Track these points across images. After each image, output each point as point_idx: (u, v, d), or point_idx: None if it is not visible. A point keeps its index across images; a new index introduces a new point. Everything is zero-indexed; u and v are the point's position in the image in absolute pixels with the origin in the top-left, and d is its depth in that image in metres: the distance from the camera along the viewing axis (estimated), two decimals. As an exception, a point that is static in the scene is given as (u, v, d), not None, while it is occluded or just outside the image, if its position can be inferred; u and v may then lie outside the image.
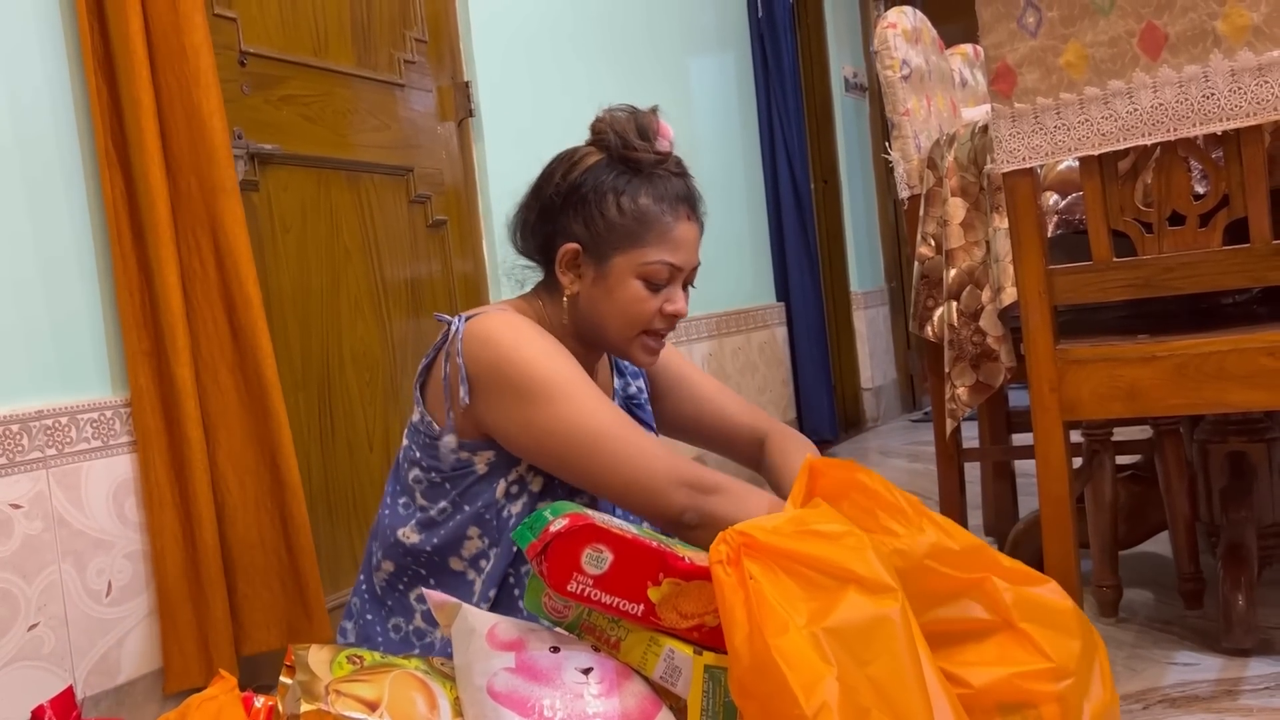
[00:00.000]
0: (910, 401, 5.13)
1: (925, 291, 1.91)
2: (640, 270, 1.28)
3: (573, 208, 1.30)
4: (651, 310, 1.29)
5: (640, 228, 1.28)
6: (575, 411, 1.20)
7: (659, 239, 1.28)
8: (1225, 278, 1.40)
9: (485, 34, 2.51)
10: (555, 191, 1.31)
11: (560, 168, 1.33)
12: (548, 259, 1.34)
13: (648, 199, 1.28)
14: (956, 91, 2.32)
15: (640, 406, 1.46)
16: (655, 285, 1.29)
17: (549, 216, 1.32)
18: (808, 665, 0.91)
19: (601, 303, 1.30)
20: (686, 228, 1.31)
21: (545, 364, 1.22)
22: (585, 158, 1.32)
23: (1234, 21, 1.31)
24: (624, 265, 1.28)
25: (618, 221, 1.28)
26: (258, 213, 1.93)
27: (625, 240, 1.28)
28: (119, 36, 1.60)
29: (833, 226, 4.55)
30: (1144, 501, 2.05)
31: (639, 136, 1.31)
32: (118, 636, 1.63)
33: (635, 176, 1.29)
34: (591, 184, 1.29)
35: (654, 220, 1.28)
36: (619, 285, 1.29)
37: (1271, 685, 1.53)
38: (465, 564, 1.29)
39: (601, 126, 1.33)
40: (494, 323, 1.26)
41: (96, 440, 1.62)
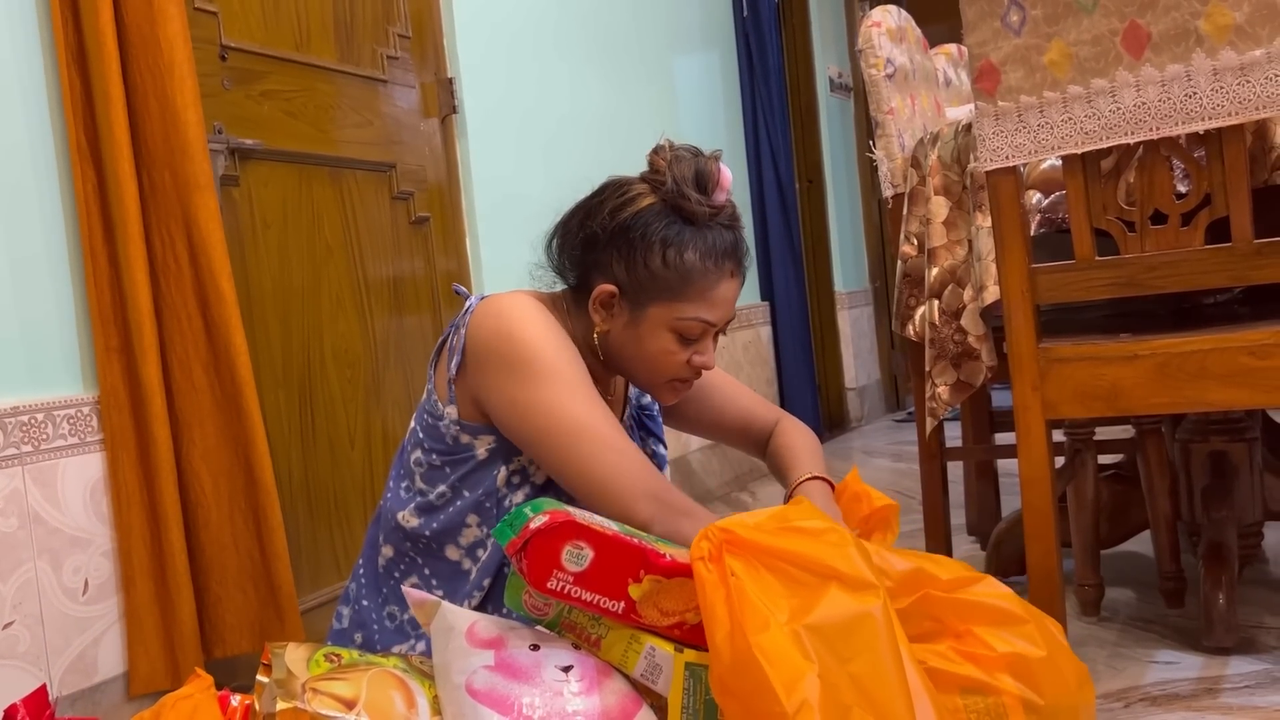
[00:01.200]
0: (894, 401, 5.14)
1: (908, 291, 1.91)
2: (675, 324, 1.27)
3: (616, 248, 1.27)
4: (679, 362, 1.29)
5: (682, 283, 1.26)
6: (563, 399, 1.19)
7: (699, 296, 1.27)
8: (1207, 277, 1.41)
9: (469, 30, 2.50)
10: (602, 226, 1.28)
11: (611, 200, 1.30)
12: (581, 285, 1.33)
13: (694, 254, 1.26)
14: (941, 90, 2.32)
15: (651, 418, 1.46)
16: (687, 340, 1.28)
17: (591, 248, 1.30)
18: (789, 662, 0.91)
19: (630, 347, 1.29)
20: (729, 285, 1.29)
21: (544, 346, 1.21)
22: (638, 197, 1.29)
23: (1216, 21, 1.31)
24: (659, 316, 1.27)
25: (660, 273, 1.25)
26: (238, 209, 1.92)
27: (665, 293, 1.26)
28: (90, 28, 1.58)
29: (817, 226, 4.55)
30: (1126, 501, 2.05)
31: (696, 187, 1.28)
32: (94, 635, 1.61)
33: (686, 227, 1.27)
34: (640, 229, 1.26)
35: (698, 278, 1.26)
36: (650, 335, 1.28)
37: (1252, 684, 1.53)
38: (462, 552, 1.29)
39: (660, 165, 1.31)
40: (508, 299, 1.26)
41: (73, 437, 1.61)
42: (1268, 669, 1.58)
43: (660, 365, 1.29)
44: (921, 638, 1.10)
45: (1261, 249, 1.36)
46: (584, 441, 1.18)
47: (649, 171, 1.33)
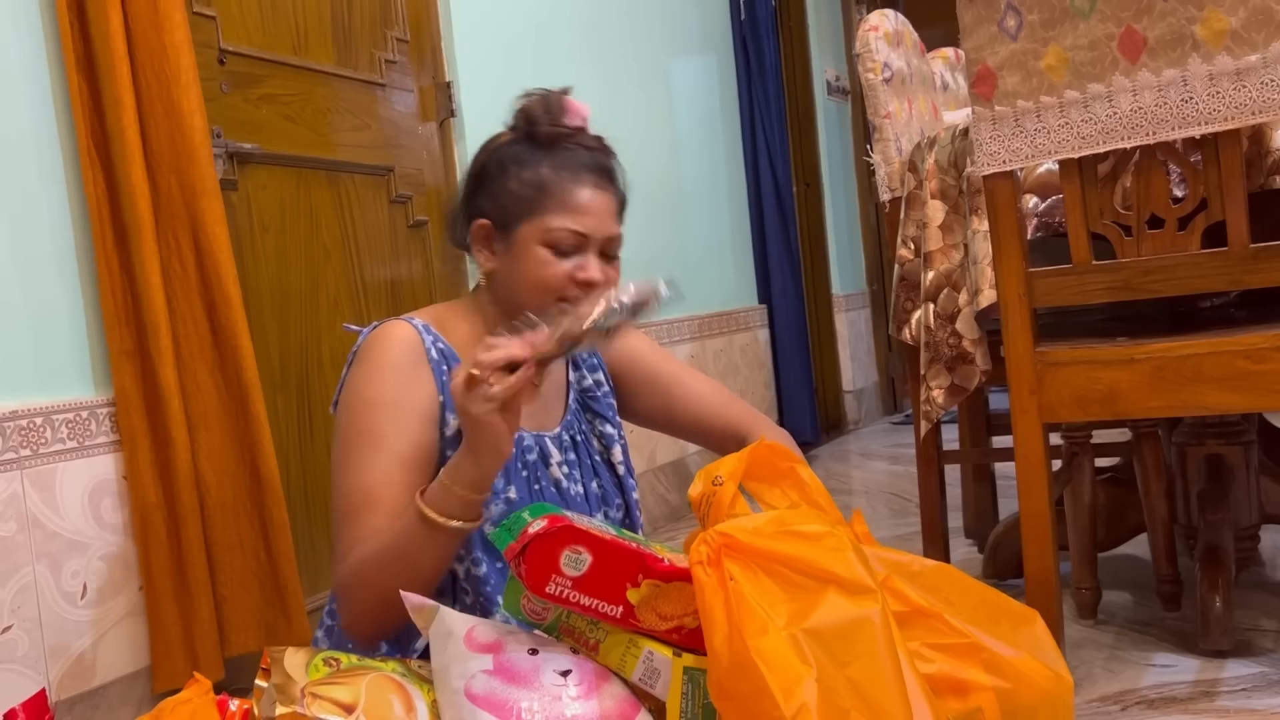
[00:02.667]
0: (891, 404, 5.14)
1: (904, 294, 1.91)
2: (544, 237, 1.28)
3: (482, 186, 1.33)
4: (560, 275, 1.28)
5: (540, 195, 1.29)
6: (351, 458, 1.23)
7: (560, 206, 1.29)
8: (1203, 281, 1.41)
9: (467, 34, 2.50)
10: (470, 175, 1.36)
11: (478, 154, 1.38)
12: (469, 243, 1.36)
13: (548, 169, 1.30)
14: (938, 95, 2.32)
15: (596, 400, 1.45)
16: (561, 251, 1.28)
17: (467, 200, 1.36)
18: (787, 666, 0.91)
19: (513, 274, 1.30)
20: (591, 194, 1.31)
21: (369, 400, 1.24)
22: (497, 139, 1.36)
23: (1212, 26, 1.32)
24: (528, 234, 1.29)
25: (519, 191, 1.29)
26: (236, 212, 1.92)
27: (527, 209, 1.29)
28: (99, 34, 1.59)
29: (814, 229, 4.55)
30: (1123, 504, 2.06)
31: (545, 112, 1.34)
32: (93, 639, 1.61)
33: (540, 150, 1.32)
34: (497, 160, 1.33)
35: (553, 187, 1.29)
36: (525, 253, 1.29)
37: (1248, 686, 1.54)
38: None
39: (514, 110, 1.37)
40: (374, 339, 1.29)
41: (72, 441, 1.61)
42: (1264, 672, 1.58)
43: (541, 281, 1.28)
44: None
45: (1258, 253, 1.37)
46: (346, 510, 1.22)
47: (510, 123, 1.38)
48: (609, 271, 1.32)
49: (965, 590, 1.21)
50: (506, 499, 1.27)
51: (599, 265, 1.31)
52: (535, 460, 1.32)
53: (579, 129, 1.36)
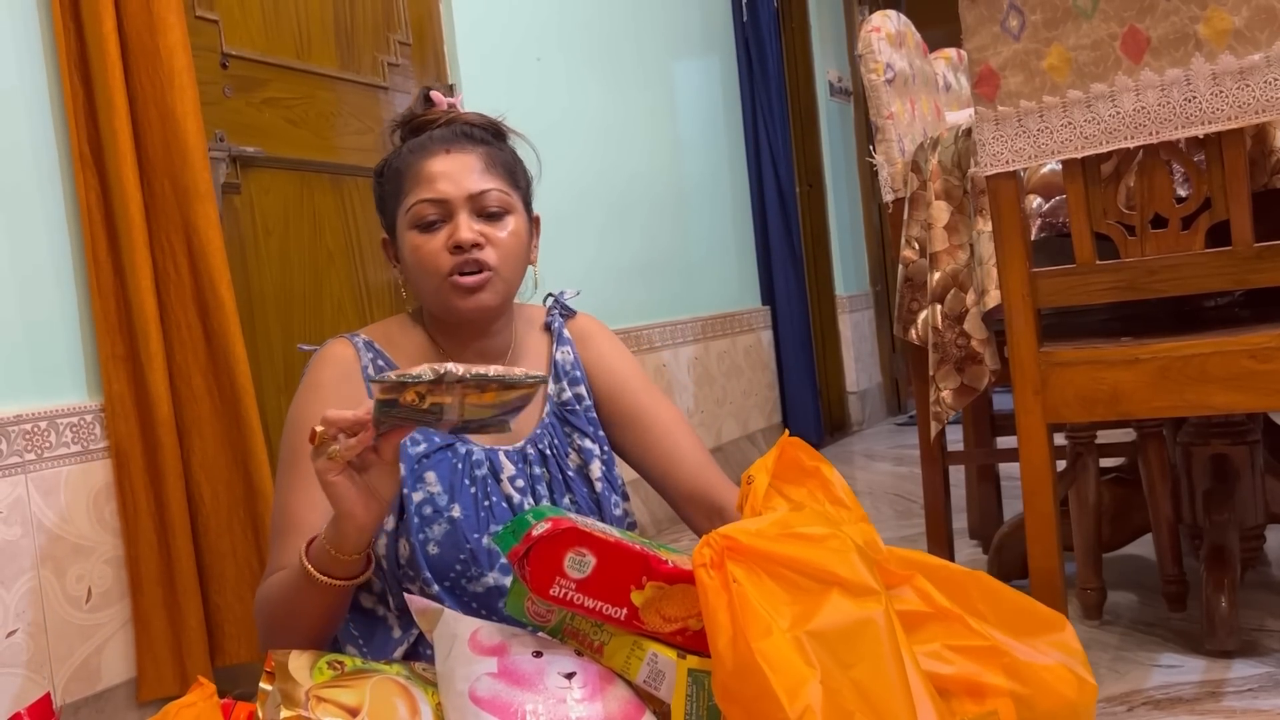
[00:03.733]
0: (895, 405, 5.14)
1: (909, 295, 1.91)
2: (408, 219, 1.24)
3: (378, 201, 1.33)
4: (434, 251, 1.22)
5: (399, 181, 1.26)
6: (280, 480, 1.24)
7: (414, 182, 1.25)
8: (1208, 280, 1.41)
9: (470, 37, 2.51)
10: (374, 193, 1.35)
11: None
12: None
13: (406, 152, 1.27)
14: (940, 95, 2.32)
15: (575, 414, 1.36)
16: (428, 226, 1.23)
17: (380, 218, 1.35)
18: (791, 669, 0.90)
19: (409, 273, 1.27)
20: (444, 159, 1.25)
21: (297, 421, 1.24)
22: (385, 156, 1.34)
23: (1215, 25, 1.31)
24: (401, 226, 1.26)
25: (386, 189, 1.28)
26: (240, 216, 1.92)
27: (394, 202, 1.27)
28: (93, 37, 1.59)
29: (817, 230, 4.55)
30: (1127, 504, 2.05)
31: (410, 112, 1.33)
32: (98, 643, 1.61)
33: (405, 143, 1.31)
34: (377, 171, 1.32)
35: (407, 168, 1.26)
36: (403, 245, 1.26)
37: (1254, 687, 1.53)
38: (375, 599, 1.26)
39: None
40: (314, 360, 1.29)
41: (76, 445, 1.61)
42: (1270, 672, 1.58)
43: (421, 265, 1.23)
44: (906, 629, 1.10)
45: (1261, 252, 1.37)
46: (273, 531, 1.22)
47: None
48: (487, 230, 1.24)
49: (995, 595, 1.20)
50: (450, 517, 1.21)
51: (469, 223, 1.23)
52: (485, 475, 1.26)
53: (436, 117, 1.31)
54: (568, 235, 2.75)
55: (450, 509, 1.22)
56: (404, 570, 1.22)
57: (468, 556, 1.22)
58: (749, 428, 3.72)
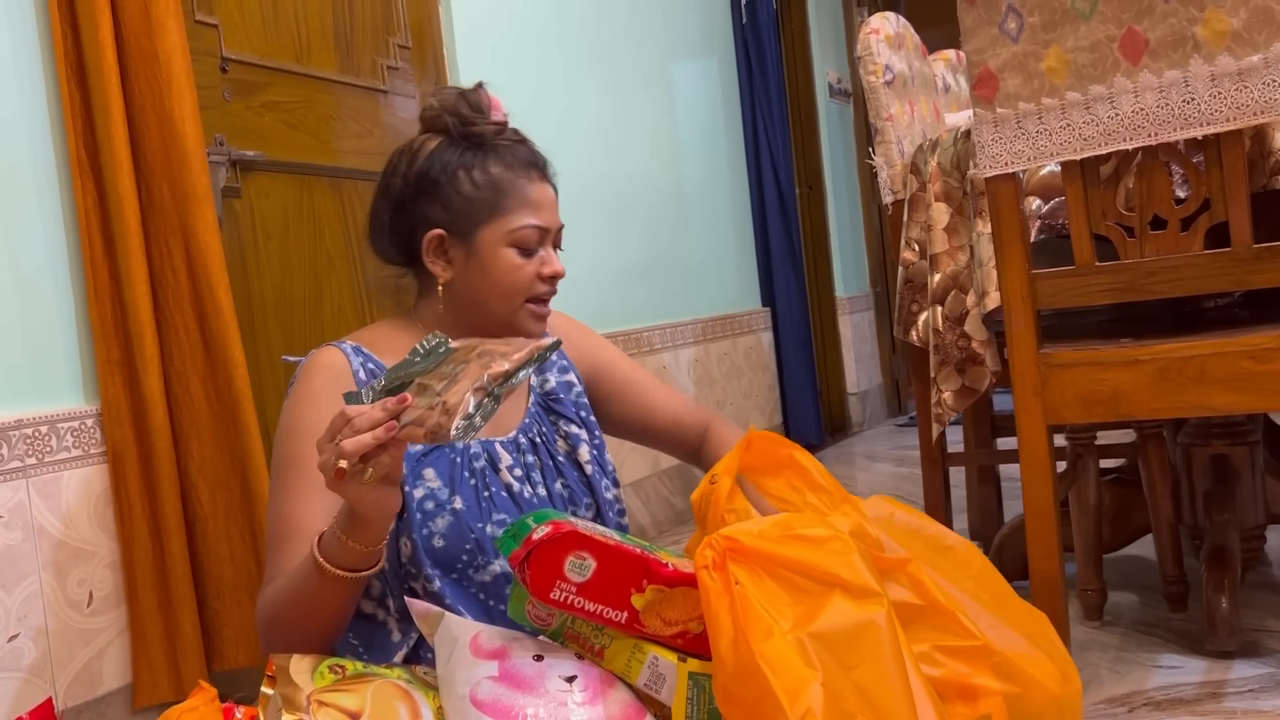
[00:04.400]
0: (896, 406, 5.14)
1: (909, 296, 1.91)
2: (509, 238, 1.26)
3: (426, 194, 1.27)
4: (530, 276, 1.27)
5: (498, 196, 1.26)
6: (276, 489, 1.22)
7: (519, 204, 1.26)
8: (1207, 281, 1.41)
9: (469, 40, 2.51)
10: (405, 184, 1.29)
11: (403, 161, 1.31)
12: (412, 254, 1.31)
13: (498, 168, 1.27)
14: (940, 96, 2.33)
15: (560, 401, 1.40)
16: (528, 250, 1.27)
17: (404, 210, 1.29)
18: (792, 671, 0.91)
19: (478, 281, 1.27)
20: (542, 189, 1.29)
21: (291, 430, 1.23)
22: (425, 144, 1.30)
23: (1214, 27, 1.32)
24: (492, 237, 1.26)
25: (475, 195, 1.26)
26: (240, 220, 1.92)
27: (487, 212, 1.26)
28: (90, 42, 1.59)
29: (817, 231, 4.55)
30: (1128, 505, 2.05)
31: (473, 111, 1.30)
32: (99, 647, 1.61)
33: (479, 150, 1.28)
34: (439, 166, 1.27)
35: (509, 186, 1.26)
36: (492, 259, 1.26)
37: (1255, 688, 1.53)
38: (374, 604, 1.26)
39: (432, 112, 1.31)
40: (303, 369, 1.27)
41: (77, 449, 1.61)
42: (1271, 673, 1.58)
43: (512, 284, 1.26)
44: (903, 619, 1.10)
45: (1260, 253, 1.37)
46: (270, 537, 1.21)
47: (424, 123, 1.33)
48: None
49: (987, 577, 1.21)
50: (453, 509, 1.22)
51: (556, 257, 1.30)
52: (484, 467, 1.28)
53: (505, 123, 1.32)
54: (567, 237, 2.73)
55: (452, 501, 1.23)
56: (405, 568, 1.23)
57: (473, 546, 1.23)
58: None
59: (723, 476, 1.19)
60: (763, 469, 1.27)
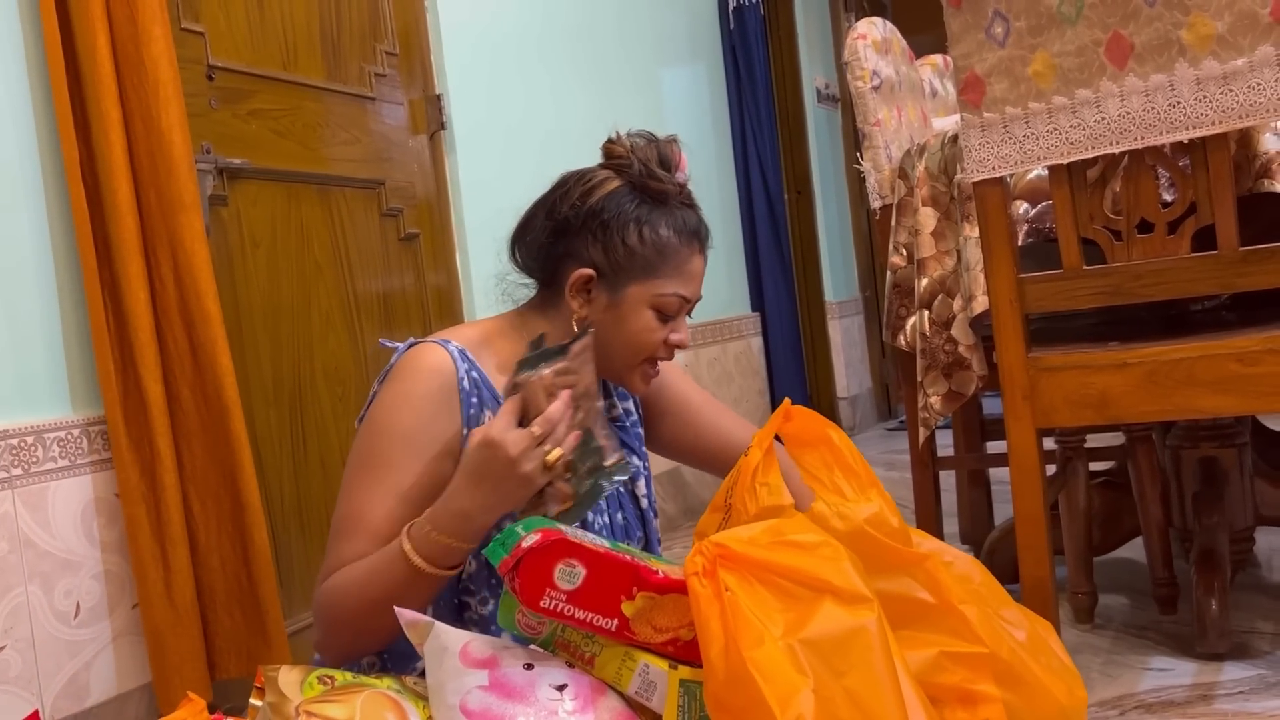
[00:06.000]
0: (886, 410, 5.14)
1: (898, 301, 1.91)
2: (654, 301, 1.27)
3: (591, 232, 1.27)
4: (658, 340, 1.29)
5: (659, 259, 1.27)
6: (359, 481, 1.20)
7: (675, 271, 1.28)
8: (1194, 284, 1.42)
9: (457, 47, 2.50)
10: (572, 212, 1.29)
11: (576, 189, 1.31)
12: (552, 279, 1.31)
13: (668, 230, 1.28)
14: (927, 101, 2.33)
15: (624, 429, 1.42)
16: (665, 316, 1.29)
17: (562, 237, 1.29)
18: (783, 677, 0.90)
19: (610, 329, 1.28)
20: (698, 262, 1.32)
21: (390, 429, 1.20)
22: (605, 182, 1.30)
23: (1198, 31, 1.32)
24: (638, 295, 1.27)
25: (639, 251, 1.26)
26: (227, 228, 1.92)
27: (643, 270, 1.27)
28: (86, 50, 1.58)
29: (806, 236, 4.56)
30: (1118, 507, 2.06)
31: (661, 166, 1.31)
32: (86, 659, 1.60)
33: (656, 207, 1.29)
34: (614, 210, 1.27)
35: (673, 253, 1.28)
36: (632, 314, 1.27)
37: (1245, 689, 1.54)
38: None
39: (621, 151, 1.32)
40: (410, 361, 1.24)
41: (64, 460, 1.60)
42: (1261, 674, 1.58)
43: (640, 343, 1.28)
44: (907, 619, 1.11)
45: (1247, 256, 1.37)
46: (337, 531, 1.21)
47: (610, 159, 1.33)
48: None
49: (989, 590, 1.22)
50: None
51: (686, 327, 1.33)
52: None
53: (685, 184, 1.34)
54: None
55: None
56: (464, 584, 1.24)
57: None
58: (740, 434, 3.72)
59: (754, 448, 1.19)
60: (800, 440, 1.27)
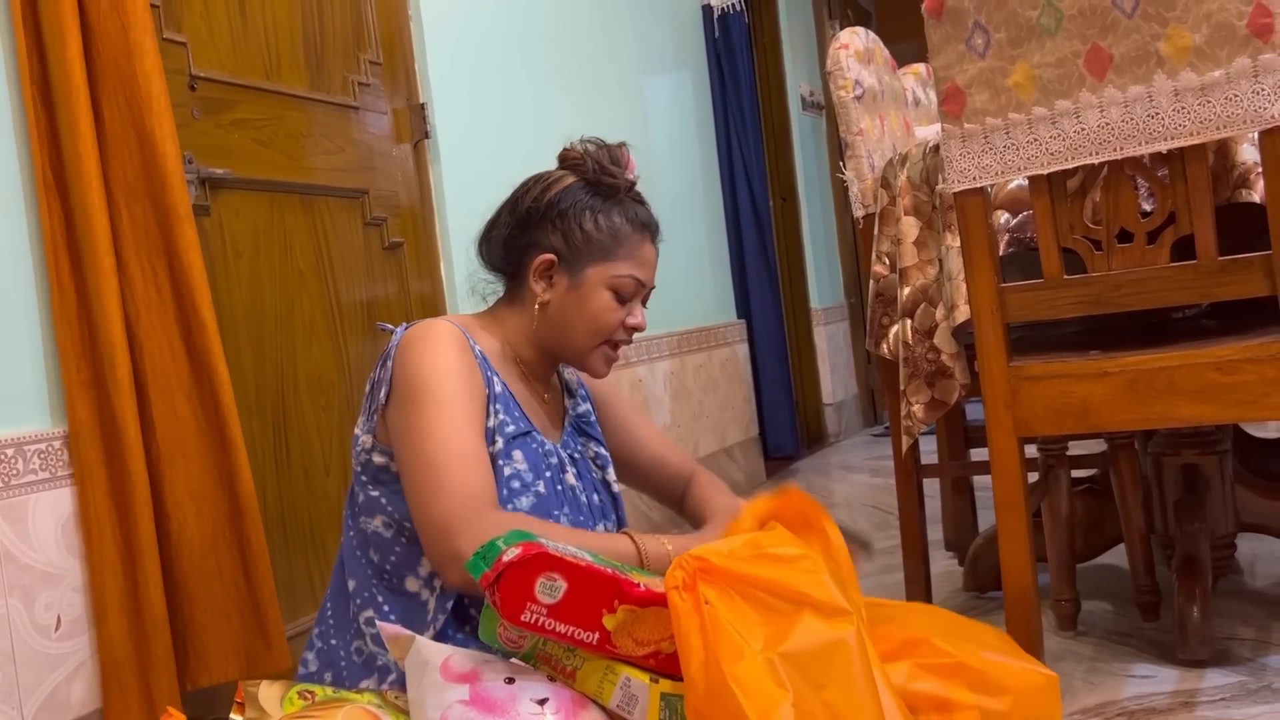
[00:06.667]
0: (872, 416, 5.16)
1: (880, 309, 1.92)
2: (611, 282, 1.37)
3: (551, 222, 1.39)
4: (616, 321, 1.38)
5: (614, 243, 1.38)
6: (434, 422, 1.23)
7: (629, 255, 1.39)
8: (1173, 294, 1.42)
9: (441, 55, 2.50)
10: (534, 207, 1.40)
11: (537, 186, 1.43)
12: (517, 270, 1.41)
13: (620, 219, 1.39)
14: (910, 110, 2.34)
15: (589, 424, 1.52)
16: (622, 298, 1.38)
17: (524, 229, 1.40)
18: (763, 691, 0.91)
19: (571, 310, 1.38)
20: (650, 249, 1.42)
21: (432, 371, 1.27)
22: (562, 178, 1.42)
23: (1176, 43, 1.33)
24: (596, 276, 1.37)
25: (594, 235, 1.37)
26: (209, 238, 1.91)
27: (600, 253, 1.37)
28: (57, 61, 1.58)
29: (792, 244, 4.57)
30: (1100, 515, 2.07)
31: (612, 164, 1.42)
32: (67, 673, 1.59)
33: (608, 199, 1.40)
34: (570, 201, 1.39)
35: (626, 238, 1.39)
36: (590, 294, 1.37)
37: (1227, 696, 1.54)
38: (420, 583, 1.29)
39: (575, 154, 1.44)
40: (423, 329, 1.32)
41: (44, 472, 1.59)
42: (1242, 681, 1.59)
43: (600, 323, 1.37)
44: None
45: (1225, 265, 1.38)
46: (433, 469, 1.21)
47: (564, 162, 1.45)
48: None
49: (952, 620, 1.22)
50: (536, 491, 1.31)
51: (642, 312, 1.42)
52: (555, 463, 1.38)
53: (635, 182, 1.44)
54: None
55: (536, 484, 1.32)
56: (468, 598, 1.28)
57: None
58: (726, 441, 3.73)
59: (746, 515, 1.19)
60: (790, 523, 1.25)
